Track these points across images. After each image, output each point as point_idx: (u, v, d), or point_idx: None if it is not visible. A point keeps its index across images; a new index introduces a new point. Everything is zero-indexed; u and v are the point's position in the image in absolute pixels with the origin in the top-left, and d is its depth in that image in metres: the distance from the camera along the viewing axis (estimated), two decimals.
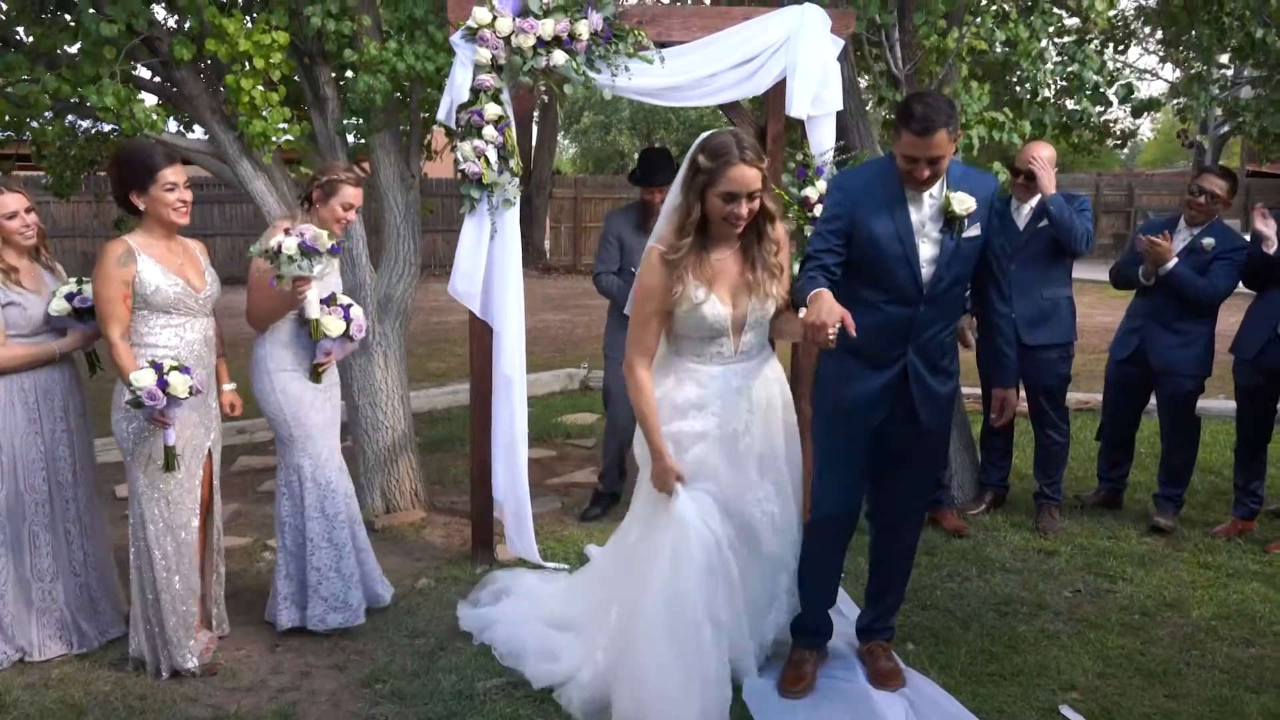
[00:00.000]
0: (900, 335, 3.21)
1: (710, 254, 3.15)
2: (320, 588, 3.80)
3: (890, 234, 3.12)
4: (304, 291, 3.65)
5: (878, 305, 3.17)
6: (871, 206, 3.14)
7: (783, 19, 4.41)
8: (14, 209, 3.58)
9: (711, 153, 3.01)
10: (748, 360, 3.27)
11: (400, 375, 5.36)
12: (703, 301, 3.11)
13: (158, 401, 3.24)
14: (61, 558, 3.76)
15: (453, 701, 3.38)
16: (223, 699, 3.43)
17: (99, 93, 4.42)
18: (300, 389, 3.82)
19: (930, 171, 3.04)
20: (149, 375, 3.25)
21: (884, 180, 3.17)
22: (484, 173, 4.26)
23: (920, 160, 3.02)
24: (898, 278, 3.15)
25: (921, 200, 3.14)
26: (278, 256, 3.49)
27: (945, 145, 2.99)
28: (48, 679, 3.58)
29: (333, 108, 5.16)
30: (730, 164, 2.98)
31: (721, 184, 3.01)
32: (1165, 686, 3.47)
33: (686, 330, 3.19)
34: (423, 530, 5.17)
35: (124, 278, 3.38)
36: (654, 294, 3.13)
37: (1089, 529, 5.03)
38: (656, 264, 3.11)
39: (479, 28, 4.15)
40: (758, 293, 3.18)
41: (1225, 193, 4.80)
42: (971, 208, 3.11)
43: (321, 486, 3.82)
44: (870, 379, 3.25)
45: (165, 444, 3.41)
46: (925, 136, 2.97)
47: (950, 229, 3.14)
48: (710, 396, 3.23)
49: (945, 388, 3.35)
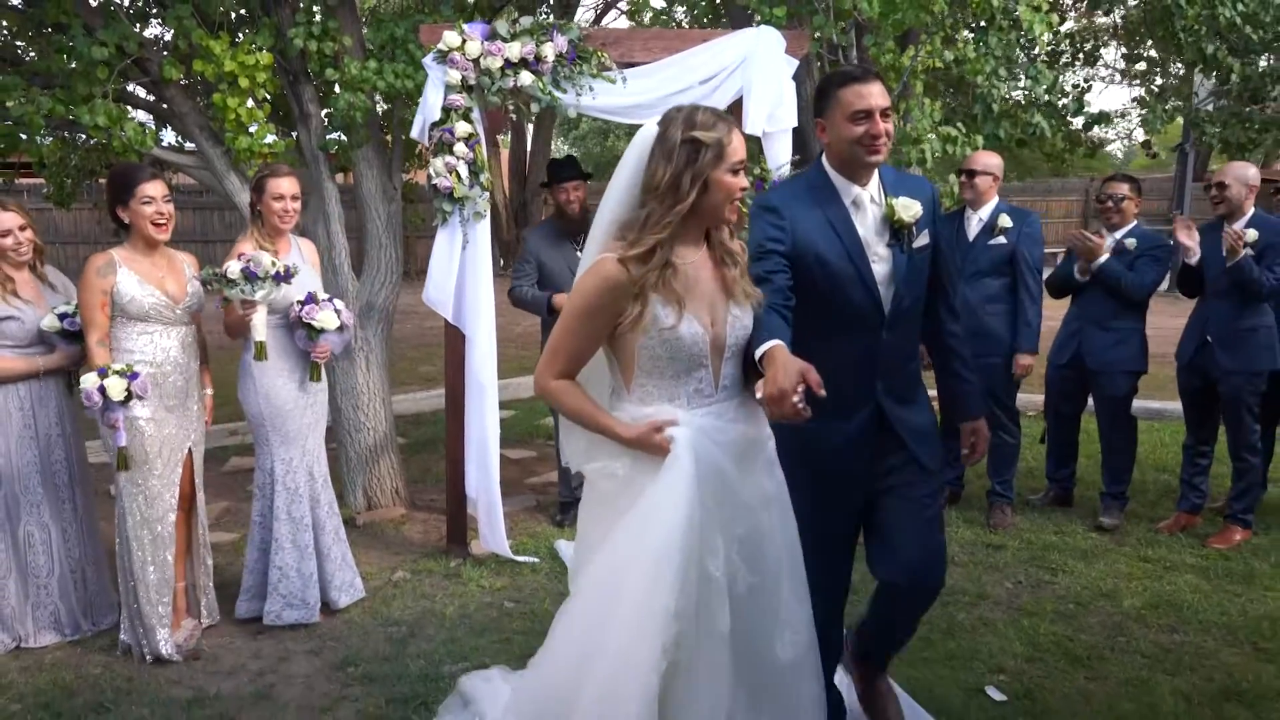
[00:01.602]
0: (865, 372, 2.79)
1: (678, 259, 2.49)
2: (280, 585, 4.04)
3: (839, 253, 2.71)
4: (249, 315, 3.87)
5: (832, 339, 2.75)
6: (810, 224, 2.72)
7: (739, 40, 4.65)
8: (8, 226, 3.83)
9: (706, 124, 2.45)
10: (730, 399, 2.58)
11: (382, 378, 5.61)
12: (674, 324, 2.45)
13: (94, 403, 3.49)
14: (57, 555, 4.00)
15: (419, 684, 3.61)
16: (204, 681, 3.67)
17: (91, 112, 4.68)
18: (283, 394, 4.04)
19: (886, 126, 2.67)
20: (92, 379, 3.51)
21: (816, 192, 2.78)
22: (455, 187, 4.51)
23: (873, 111, 2.65)
24: (854, 303, 2.74)
25: (866, 211, 2.77)
26: (222, 280, 3.73)
27: (888, 98, 2.71)
28: (42, 663, 3.82)
29: (316, 124, 5.41)
30: (732, 128, 2.48)
31: (735, 152, 2.46)
32: (1088, 669, 3.70)
33: (655, 364, 2.49)
34: (402, 526, 5.41)
35: (103, 287, 3.65)
36: (599, 311, 2.46)
37: (1038, 525, 5.26)
38: (613, 273, 2.42)
39: (449, 50, 4.40)
40: (736, 297, 2.55)
41: (1131, 196, 5.10)
42: (918, 212, 2.76)
43: (290, 491, 4.05)
44: (834, 431, 2.77)
45: (116, 445, 3.64)
46: (868, 82, 2.67)
47: (899, 240, 2.77)
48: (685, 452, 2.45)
49: (924, 419, 2.93)
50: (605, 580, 2.46)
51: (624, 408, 2.54)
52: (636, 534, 2.41)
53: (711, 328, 2.51)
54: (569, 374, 2.54)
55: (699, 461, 2.42)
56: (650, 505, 2.40)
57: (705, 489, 2.42)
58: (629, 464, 2.50)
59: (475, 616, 4.21)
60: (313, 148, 5.43)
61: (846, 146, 2.72)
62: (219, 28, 5.14)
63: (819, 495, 2.82)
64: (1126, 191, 5.10)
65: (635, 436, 2.46)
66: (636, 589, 2.37)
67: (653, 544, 2.37)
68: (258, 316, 3.89)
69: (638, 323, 2.43)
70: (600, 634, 2.43)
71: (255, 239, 4.07)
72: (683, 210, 2.42)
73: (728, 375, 2.56)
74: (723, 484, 2.48)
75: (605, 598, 2.45)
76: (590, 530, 2.64)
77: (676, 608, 2.34)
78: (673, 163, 2.43)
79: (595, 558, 2.54)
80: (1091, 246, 4.95)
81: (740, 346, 2.57)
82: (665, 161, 2.43)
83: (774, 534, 2.58)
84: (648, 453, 2.45)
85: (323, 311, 3.96)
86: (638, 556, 2.39)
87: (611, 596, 2.43)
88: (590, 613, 2.49)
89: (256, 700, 3.54)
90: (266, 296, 3.84)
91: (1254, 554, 4.84)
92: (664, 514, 2.38)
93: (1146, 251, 4.99)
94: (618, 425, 2.49)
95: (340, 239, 5.51)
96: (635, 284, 2.42)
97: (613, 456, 2.53)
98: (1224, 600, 4.31)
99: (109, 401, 3.53)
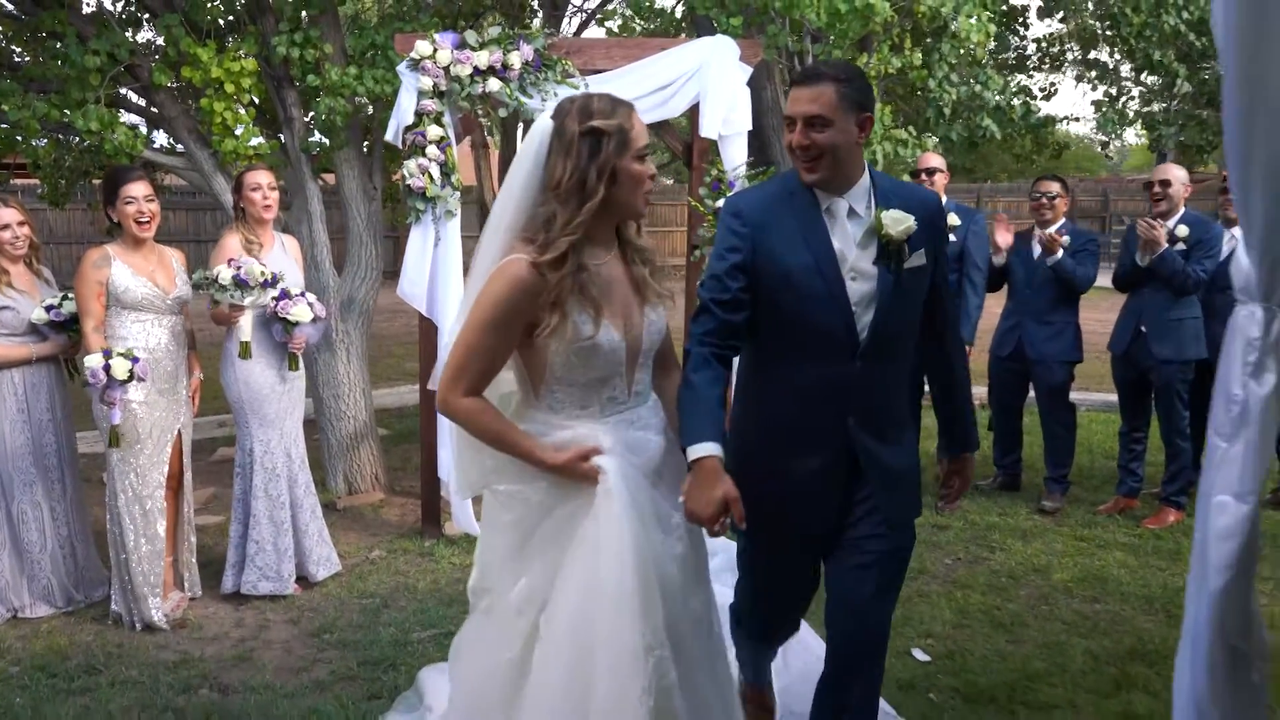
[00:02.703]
0: (835, 405, 2.47)
1: (592, 261, 2.33)
2: (257, 558, 4.32)
3: (807, 267, 2.40)
4: (236, 318, 4.16)
5: (801, 366, 2.47)
6: (778, 233, 2.43)
7: (696, 49, 4.94)
8: (6, 221, 4.10)
9: (604, 111, 2.27)
10: (642, 403, 2.46)
11: (362, 370, 5.89)
12: (593, 334, 2.29)
13: (98, 381, 3.78)
14: (49, 531, 4.27)
15: (389, 648, 3.89)
16: (189, 646, 3.95)
17: (84, 117, 4.95)
18: (261, 380, 4.32)
19: (806, 139, 2.37)
20: (97, 359, 3.79)
21: (790, 198, 2.47)
22: (427, 187, 4.78)
23: (795, 120, 2.38)
24: (823, 327, 2.42)
25: (844, 222, 2.45)
26: (214, 285, 4.02)
27: (831, 107, 2.34)
28: (37, 631, 4.10)
29: (299, 127, 5.68)
30: (631, 112, 2.31)
31: (635, 141, 2.28)
32: (1009, 634, 3.99)
33: (569, 373, 2.34)
34: (381, 510, 5.69)
35: (98, 279, 3.94)
36: (511, 318, 2.27)
37: (984, 508, 5.55)
38: (525, 277, 2.24)
39: (421, 59, 4.68)
40: (648, 298, 2.41)
41: (1062, 194, 5.43)
42: (910, 228, 2.40)
43: (268, 470, 4.33)
44: (797, 468, 2.50)
45: (110, 422, 3.92)
46: (804, 85, 2.39)
47: (887, 259, 2.42)
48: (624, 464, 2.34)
49: (902, 462, 2.58)
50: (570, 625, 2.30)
51: (532, 416, 2.39)
52: (586, 579, 2.28)
53: (627, 334, 2.35)
54: (479, 390, 2.33)
55: (641, 487, 2.33)
56: (594, 547, 2.27)
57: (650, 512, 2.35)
58: (545, 489, 2.34)
59: (445, 590, 4.49)
60: (296, 150, 5.70)
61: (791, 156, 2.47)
62: (207, 35, 5.42)
63: (775, 539, 2.55)
64: (1057, 190, 5.42)
65: (561, 465, 2.30)
66: (603, 636, 2.25)
67: (609, 588, 2.24)
68: (244, 319, 4.17)
69: (556, 333, 2.25)
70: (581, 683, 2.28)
71: (241, 233, 4.34)
72: (594, 207, 2.24)
73: (641, 380, 2.44)
74: (652, 504, 2.37)
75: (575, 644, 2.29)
76: (492, 556, 2.46)
77: (645, 642, 2.23)
78: (574, 157, 2.24)
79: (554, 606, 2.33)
80: (1053, 243, 5.25)
81: (653, 352, 2.45)
82: (565, 157, 2.24)
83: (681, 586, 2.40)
84: (572, 480, 2.31)
85: (296, 306, 4.23)
86: (595, 603, 2.26)
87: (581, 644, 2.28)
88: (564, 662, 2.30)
89: (237, 662, 3.81)
90: (254, 303, 4.13)
91: (1185, 534, 5.13)
92: (612, 554, 2.25)
93: (1083, 246, 5.31)
94: (540, 450, 2.31)
95: (322, 236, 5.79)
96: (550, 291, 2.24)
97: (526, 480, 2.36)
98: (1148, 574, 4.60)
99: (112, 380, 3.81)
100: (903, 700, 3.41)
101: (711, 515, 2.22)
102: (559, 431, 2.34)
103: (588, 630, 2.27)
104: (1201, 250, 5.05)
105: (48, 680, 3.66)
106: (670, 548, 2.38)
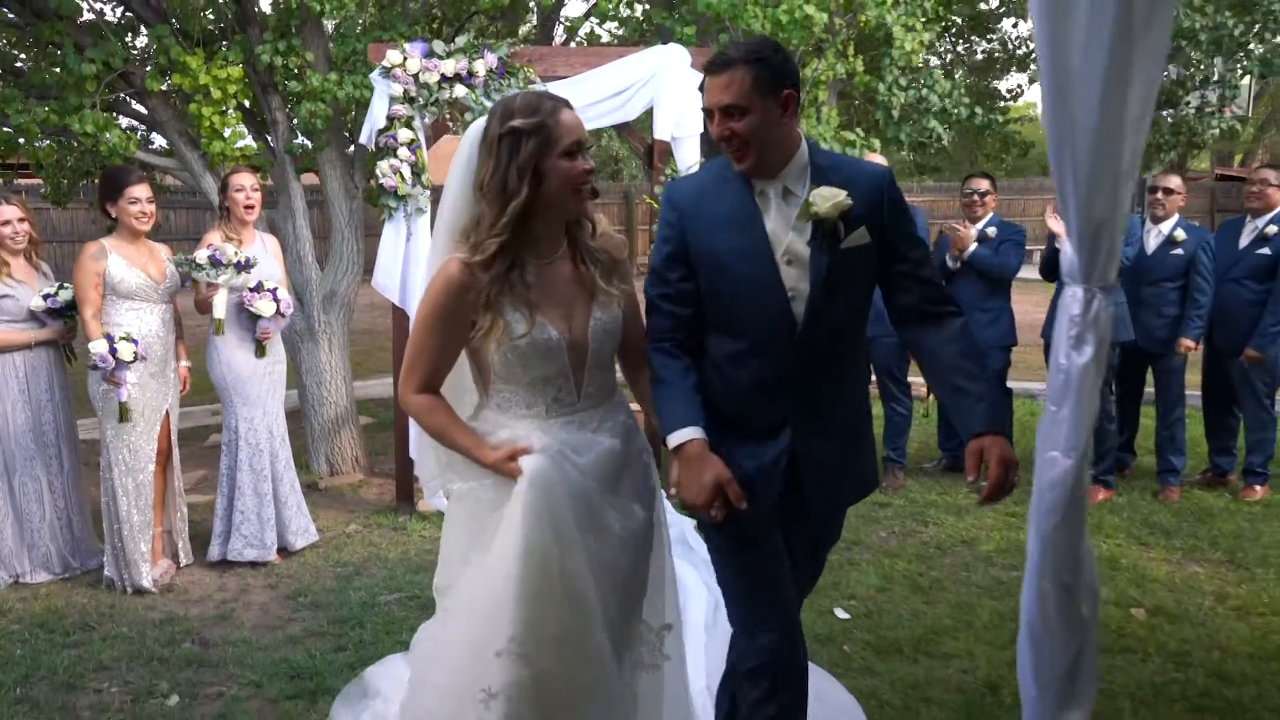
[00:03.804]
0: (774, 398, 2.39)
1: (531, 262, 2.33)
2: (242, 527, 4.70)
3: (737, 251, 2.33)
4: (212, 295, 4.54)
5: (744, 358, 2.39)
6: (708, 219, 2.37)
7: (650, 57, 5.30)
8: (7, 217, 4.47)
9: (527, 109, 2.26)
10: (595, 406, 2.43)
11: (343, 359, 6.25)
12: (526, 332, 2.29)
13: (107, 364, 4.16)
14: (47, 504, 4.65)
15: (358, 609, 4.25)
16: (175, 607, 4.32)
17: (80, 121, 5.32)
18: (242, 364, 4.70)
19: (725, 129, 2.29)
20: (102, 344, 4.18)
21: (720, 183, 2.39)
22: (399, 186, 5.15)
23: (712, 112, 2.31)
24: (757, 314, 2.35)
25: (776, 203, 2.35)
26: (192, 265, 4.40)
27: (744, 93, 2.25)
28: (37, 594, 4.47)
29: (283, 129, 6.04)
30: (559, 108, 2.28)
31: (561, 138, 2.25)
32: (926, 596, 4.34)
33: (510, 372, 2.35)
34: (359, 489, 6.06)
35: (96, 270, 4.30)
36: (447, 316, 2.31)
37: (926, 487, 5.90)
38: (455, 275, 2.28)
39: (392, 67, 5.04)
40: (598, 298, 2.38)
41: (991, 190, 5.81)
42: (843, 204, 2.29)
43: (251, 446, 4.70)
44: (747, 459, 2.39)
45: (119, 400, 4.29)
46: (715, 74, 2.30)
47: (821, 239, 2.32)
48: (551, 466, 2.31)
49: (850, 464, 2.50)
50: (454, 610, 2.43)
51: (484, 415, 2.43)
52: (478, 573, 2.34)
53: (570, 333, 2.34)
54: (431, 387, 2.38)
55: (557, 487, 2.28)
56: (496, 542, 2.30)
57: (569, 515, 2.29)
58: (493, 486, 2.35)
59: (414, 559, 4.85)
60: (281, 151, 6.06)
61: None
62: (196, 43, 5.77)
63: (738, 532, 2.43)
64: (986, 187, 5.77)
65: (492, 462, 2.31)
66: (468, 628, 2.32)
67: (481, 588, 2.30)
68: (218, 297, 4.54)
69: (489, 333, 2.28)
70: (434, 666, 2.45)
71: (223, 231, 4.71)
72: (517, 208, 2.24)
73: (592, 383, 2.40)
74: (588, 508, 2.33)
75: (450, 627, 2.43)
76: (450, 552, 2.49)
77: (497, 646, 2.26)
78: (494, 158, 2.25)
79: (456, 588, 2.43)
80: (960, 238, 5.60)
81: (605, 354, 2.42)
82: (488, 158, 2.26)
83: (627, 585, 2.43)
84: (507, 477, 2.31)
85: (262, 300, 4.60)
86: (475, 596, 2.34)
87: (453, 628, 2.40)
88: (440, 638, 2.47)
89: (219, 620, 4.18)
90: (227, 281, 4.50)
91: (1110, 510, 5.48)
92: (498, 554, 2.28)
93: (1008, 238, 5.66)
94: (477, 448, 2.34)
95: (305, 233, 6.15)
96: (482, 291, 2.26)
97: (478, 477, 2.38)
98: None
99: (120, 362, 4.19)
100: (819, 651, 3.75)
101: (705, 501, 2.19)
102: (500, 430, 2.36)
103: (456, 623, 2.37)
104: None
105: (45, 635, 4.03)
106: (599, 554, 2.34)
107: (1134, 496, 5.70)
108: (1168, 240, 5.60)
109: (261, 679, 3.62)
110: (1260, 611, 4.15)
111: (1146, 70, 2.30)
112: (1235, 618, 4.11)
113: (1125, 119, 2.20)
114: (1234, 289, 5.62)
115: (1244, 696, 3.44)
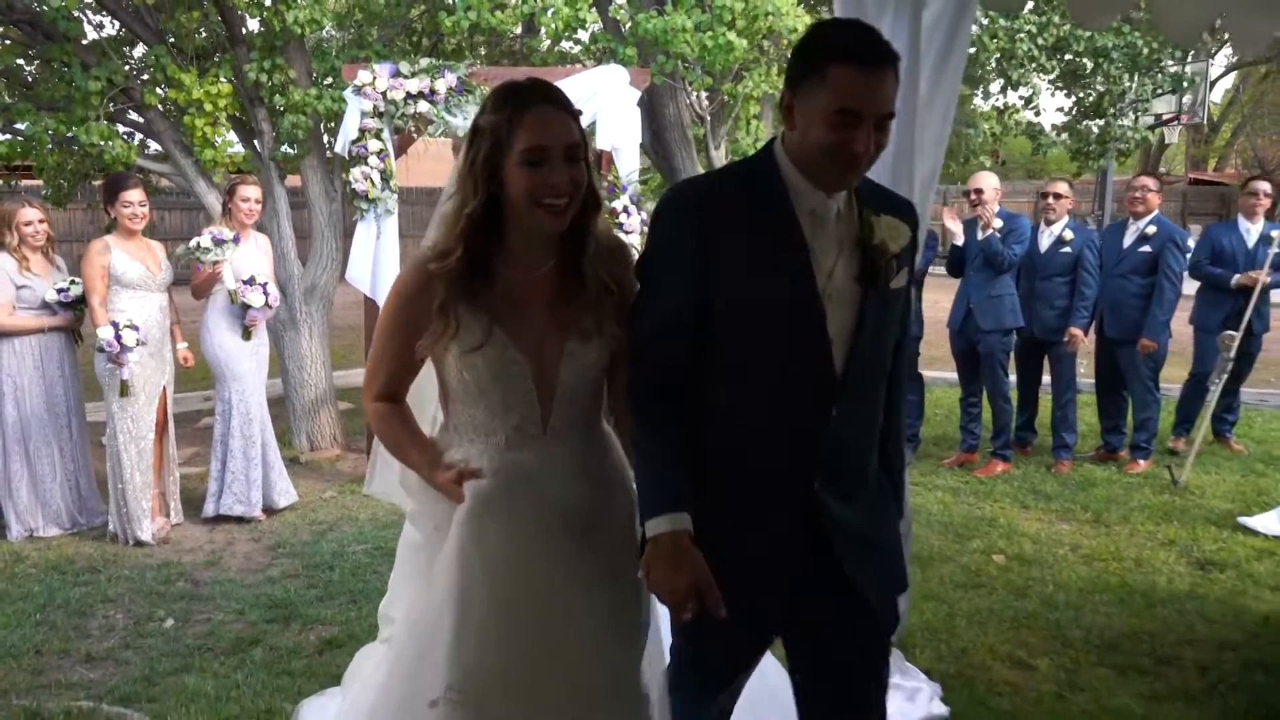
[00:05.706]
0: (801, 459, 1.95)
1: (502, 273, 2.04)
2: (233, 485, 5.38)
3: (777, 280, 1.91)
4: (219, 271, 5.22)
5: (763, 412, 1.96)
6: (742, 237, 1.91)
7: (593, 76, 5.97)
8: (30, 219, 5.15)
9: (496, 103, 1.98)
10: (563, 443, 2.11)
11: (322, 346, 6.92)
12: (480, 345, 2.01)
13: (113, 347, 4.84)
14: (58, 466, 5.31)
15: (330, 556, 4.92)
16: (170, 556, 4.98)
17: (86, 132, 5.98)
18: (232, 344, 5.38)
19: (872, 144, 1.83)
20: (108, 330, 4.85)
21: (754, 194, 1.94)
22: (370, 190, 5.81)
23: (864, 117, 1.80)
24: (795, 361, 1.93)
25: (828, 228, 1.93)
26: (198, 250, 5.07)
27: (894, 99, 1.84)
28: (49, 545, 5.14)
29: (269, 138, 6.71)
30: (527, 106, 1.94)
31: (521, 138, 1.92)
32: None
33: (466, 392, 2.08)
34: (336, 463, 6.74)
35: (101, 263, 4.98)
36: (403, 323, 2.08)
37: None
38: (412, 279, 2.07)
39: (363, 85, 5.71)
40: (581, 329, 2.05)
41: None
42: (904, 242, 1.97)
43: (241, 415, 5.38)
44: (748, 534, 1.98)
45: (121, 378, 4.96)
46: (873, 70, 1.80)
47: (874, 276, 1.93)
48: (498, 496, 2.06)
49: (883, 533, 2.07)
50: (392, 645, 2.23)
51: (444, 436, 2.17)
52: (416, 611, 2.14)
53: (538, 358, 2.04)
54: (391, 394, 2.16)
55: (503, 517, 2.05)
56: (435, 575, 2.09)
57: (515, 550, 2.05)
58: (445, 512, 2.10)
59: (381, 519, 5.51)
60: (266, 158, 6.73)
61: (815, 154, 1.87)
62: (190, 60, 6.43)
63: (709, 624, 1.90)
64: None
65: (440, 483, 2.08)
66: (402, 669, 2.11)
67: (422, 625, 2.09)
68: (226, 270, 5.24)
69: (440, 338, 2.01)
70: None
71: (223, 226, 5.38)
72: (472, 211, 1.97)
73: (561, 418, 2.09)
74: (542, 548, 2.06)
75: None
76: (398, 576, 2.30)
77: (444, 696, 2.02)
78: (466, 154, 2.00)
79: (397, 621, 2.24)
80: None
81: (582, 389, 2.09)
82: (465, 152, 2.02)
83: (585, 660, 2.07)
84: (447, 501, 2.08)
85: (252, 293, 5.28)
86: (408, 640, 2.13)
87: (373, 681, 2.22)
88: None
89: (209, 565, 4.85)
90: (229, 255, 5.20)
91: (1005, 480, 6.16)
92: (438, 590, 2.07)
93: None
94: (430, 466, 2.10)
95: (289, 232, 6.82)
96: (435, 291, 2.00)
97: (431, 502, 2.13)
98: (956, 508, 5.63)
99: (124, 346, 4.87)
100: None
101: (675, 605, 1.86)
102: (453, 451, 2.11)
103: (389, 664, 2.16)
104: (1014, 238, 6.06)
105: (59, 576, 4.69)
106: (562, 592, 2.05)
107: (1029, 469, 6.37)
108: (1058, 240, 6.28)
109: (244, 608, 4.29)
110: (1103, 558, 4.83)
111: (934, 129, 3.06)
112: (1082, 563, 4.79)
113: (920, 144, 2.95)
114: (1121, 284, 6.31)
115: (1063, 619, 4.11)
